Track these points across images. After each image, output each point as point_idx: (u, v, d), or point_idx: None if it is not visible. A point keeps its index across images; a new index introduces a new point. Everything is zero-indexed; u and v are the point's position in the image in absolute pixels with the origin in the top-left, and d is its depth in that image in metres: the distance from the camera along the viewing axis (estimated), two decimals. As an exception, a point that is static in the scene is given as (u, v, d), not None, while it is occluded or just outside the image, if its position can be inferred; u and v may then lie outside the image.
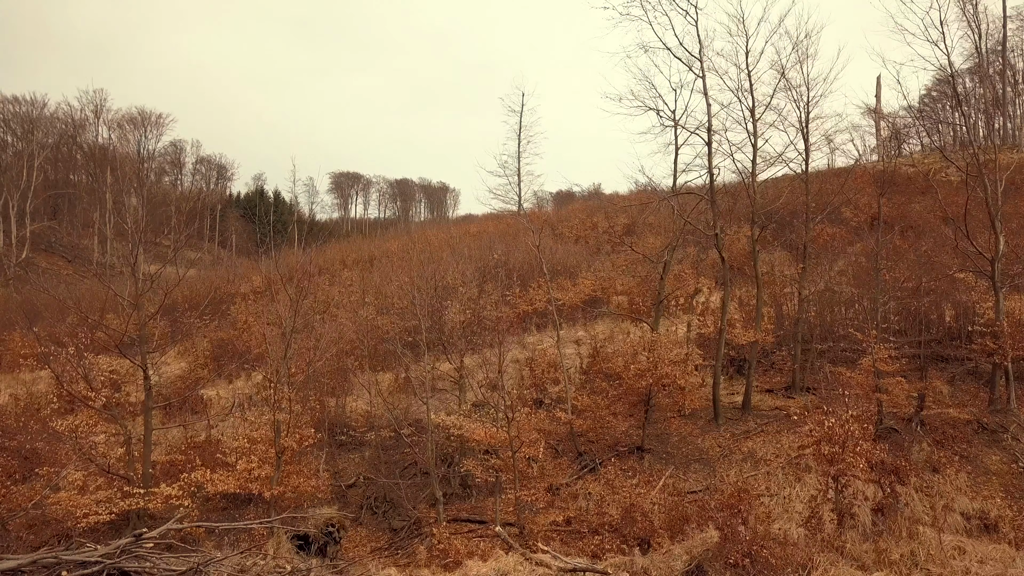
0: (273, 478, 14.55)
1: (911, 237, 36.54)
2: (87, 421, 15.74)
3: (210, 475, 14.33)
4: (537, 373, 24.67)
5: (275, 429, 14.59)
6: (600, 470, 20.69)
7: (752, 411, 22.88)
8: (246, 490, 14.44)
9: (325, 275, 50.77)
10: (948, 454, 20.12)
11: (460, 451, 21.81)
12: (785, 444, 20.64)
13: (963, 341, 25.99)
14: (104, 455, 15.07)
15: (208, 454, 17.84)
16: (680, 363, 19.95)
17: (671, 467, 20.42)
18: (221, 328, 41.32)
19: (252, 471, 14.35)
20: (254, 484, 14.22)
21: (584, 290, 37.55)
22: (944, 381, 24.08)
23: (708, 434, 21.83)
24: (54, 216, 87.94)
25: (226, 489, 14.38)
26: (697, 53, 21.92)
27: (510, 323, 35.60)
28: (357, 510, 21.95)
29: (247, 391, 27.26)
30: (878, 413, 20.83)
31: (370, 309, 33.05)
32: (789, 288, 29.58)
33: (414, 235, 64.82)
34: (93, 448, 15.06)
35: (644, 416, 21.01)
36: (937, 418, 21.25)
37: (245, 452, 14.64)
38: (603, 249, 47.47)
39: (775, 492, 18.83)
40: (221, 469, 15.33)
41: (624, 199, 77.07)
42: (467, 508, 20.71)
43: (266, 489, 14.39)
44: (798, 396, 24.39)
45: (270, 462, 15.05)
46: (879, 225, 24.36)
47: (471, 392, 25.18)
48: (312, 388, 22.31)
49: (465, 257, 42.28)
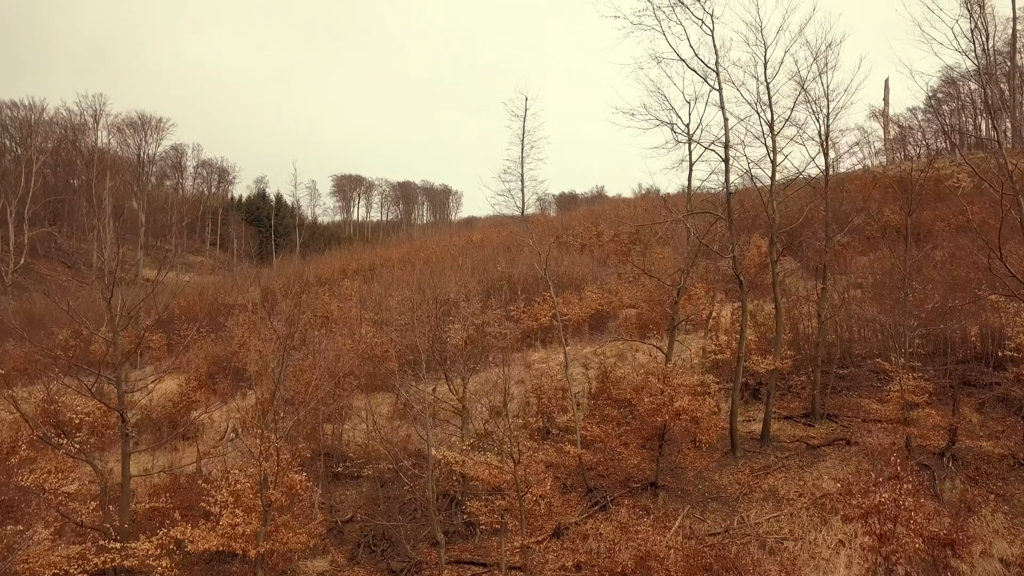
0: (260, 533, 13.40)
1: (925, 246, 35.26)
2: (59, 466, 14.61)
3: (191, 531, 13.19)
4: (544, 401, 23.47)
5: (261, 481, 13.46)
6: (612, 508, 19.52)
7: (771, 442, 21.66)
8: (229, 548, 13.31)
9: (325, 285, 49.70)
10: (983, 492, 18.86)
11: (463, 488, 20.64)
12: (809, 481, 19.40)
13: (990, 364, 24.72)
14: (77, 509, 13.93)
15: (195, 494, 16.70)
16: (697, 397, 18.72)
17: (687, 506, 19.21)
18: (218, 341, 40.23)
19: (236, 526, 13.20)
20: (238, 542, 13.08)
21: (591, 304, 36.32)
22: (973, 408, 22.81)
23: (726, 468, 20.61)
24: (53, 221, 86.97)
25: (208, 547, 13.24)
26: (713, 64, 20.75)
27: (514, 340, 34.46)
28: (354, 548, 20.78)
29: (240, 415, 26.10)
30: (907, 448, 19.62)
31: (369, 327, 31.84)
32: (805, 306, 28.33)
33: (416, 243, 63.60)
34: (64, 504, 13.91)
35: (658, 450, 19.80)
36: (969, 452, 19.99)
37: (229, 505, 13.49)
38: (609, 260, 46.22)
39: (799, 536, 17.61)
40: (204, 521, 14.18)
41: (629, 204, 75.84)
42: (470, 549, 19.55)
43: (251, 547, 13.24)
44: (819, 424, 23.18)
45: (257, 513, 13.90)
46: (907, 243, 22.98)
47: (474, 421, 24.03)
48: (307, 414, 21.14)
49: (468, 269, 41.12)
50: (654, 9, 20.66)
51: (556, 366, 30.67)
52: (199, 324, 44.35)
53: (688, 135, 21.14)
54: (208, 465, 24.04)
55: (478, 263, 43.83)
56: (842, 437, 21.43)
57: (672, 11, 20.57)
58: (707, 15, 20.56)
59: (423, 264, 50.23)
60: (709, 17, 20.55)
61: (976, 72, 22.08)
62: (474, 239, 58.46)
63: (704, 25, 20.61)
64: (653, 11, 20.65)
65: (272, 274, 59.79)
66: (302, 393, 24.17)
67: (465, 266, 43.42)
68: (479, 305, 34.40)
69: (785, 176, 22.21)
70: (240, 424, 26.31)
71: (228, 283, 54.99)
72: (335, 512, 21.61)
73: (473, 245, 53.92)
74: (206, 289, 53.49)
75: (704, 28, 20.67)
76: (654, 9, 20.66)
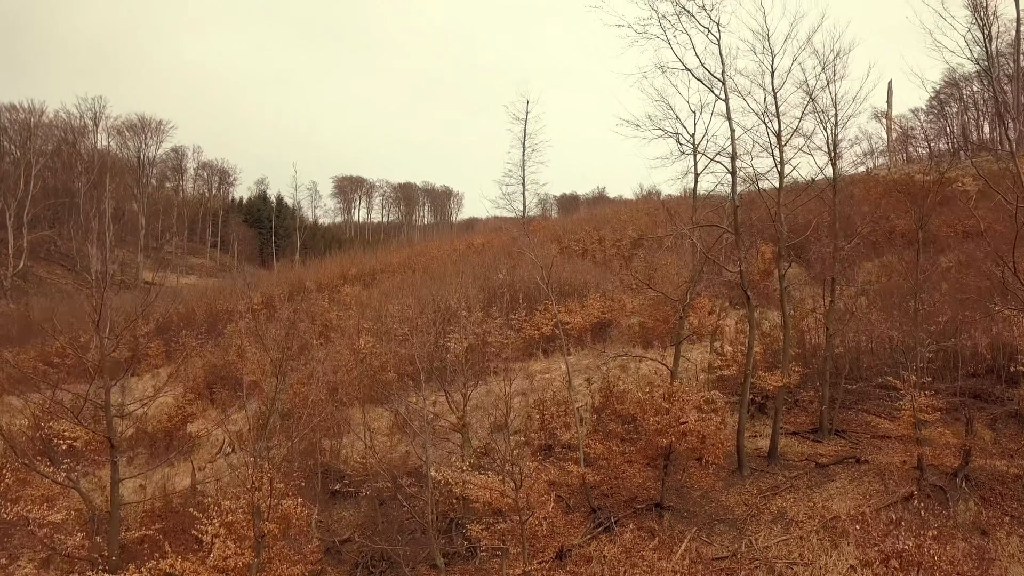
0: (252, 566, 12.95)
1: (931, 252, 34.72)
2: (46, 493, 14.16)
3: (180, 563, 12.74)
4: (546, 417, 22.98)
5: (253, 512, 13.01)
6: (616, 529, 19.03)
7: (779, 460, 21.16)
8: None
9: (325, 292, 49.28)
10: (997, 514, 18.35)
11: (463, 508, 20.16)
12: (818, 503, 18.90)
13: (1002, 378, 24.20)
14: (63, 540, 13.48)
15: (188, 517, 16.23)
16: (704, 419, 18.22)
17: (693, 528, 18.72)
18: (217, 349, 39.80)
19: (228, 558, 12.76)
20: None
21: (593, 312, 35.84)
22: (985, 424, 22.29)
23: (732, 488, 20.10)
24: (53, 224, 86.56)
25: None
26: (719, 74, 20.24)
27: (516, 350, 33.97)
28: (352, 569, 20.31)
29: (235, 428, 25.66)
30: (919, 468, 19.11)
31: (368, 337, 31.37)
32: (812, 318, 27.82)
33: (416, 247, 63.13)
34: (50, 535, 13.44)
35: (664, 470, 19.30)
36: (983, 472, 19.47)
37: (221, 535, 13.04)
38: (611, 266, 45.71)
39: (809, 561, 17.11)
40: (197, 547, 13.73)
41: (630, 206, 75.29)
42: (470, 571, 19.07)
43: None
44: (827, 439, 22.68)
45: (249, 542, 13.45)
46: (918, 259, 22.45)
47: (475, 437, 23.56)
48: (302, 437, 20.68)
49: (469, 276, 40.64)
50: (659, 18, 20.17)
51: (558, 376, 30.20)
52: (197, 331, 44.04)
53: (693, 146, 20.64)
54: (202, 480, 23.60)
55: (479, 270, 43.35)
56: (852, 455, 20.93)
57: (678, 20, 20.08)
58: (713, 24, 20.06)
59: (423, 270, 49.82)
60: (715, 26, 20.05)
61: (987, 82, 21.49)
62: (475, 243, 58.01)
63: (710, 34, 20.12)
64: (658, 20, 20.16)
65: (272, 280, 59.40)
66: (299, 406, 23.76)
67: (466, 272, 42.95)
68: (480, 314, 33.94)
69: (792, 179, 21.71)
70: (236, 438, 25.89)
71: (228, 289, 54.51)
72: (332, 532, 21.16)
73: (474, 250, 53.45)
74: (205, 295, 53.05)
75: (710, 37, 20.18)
76: (659, 18, 20.17)
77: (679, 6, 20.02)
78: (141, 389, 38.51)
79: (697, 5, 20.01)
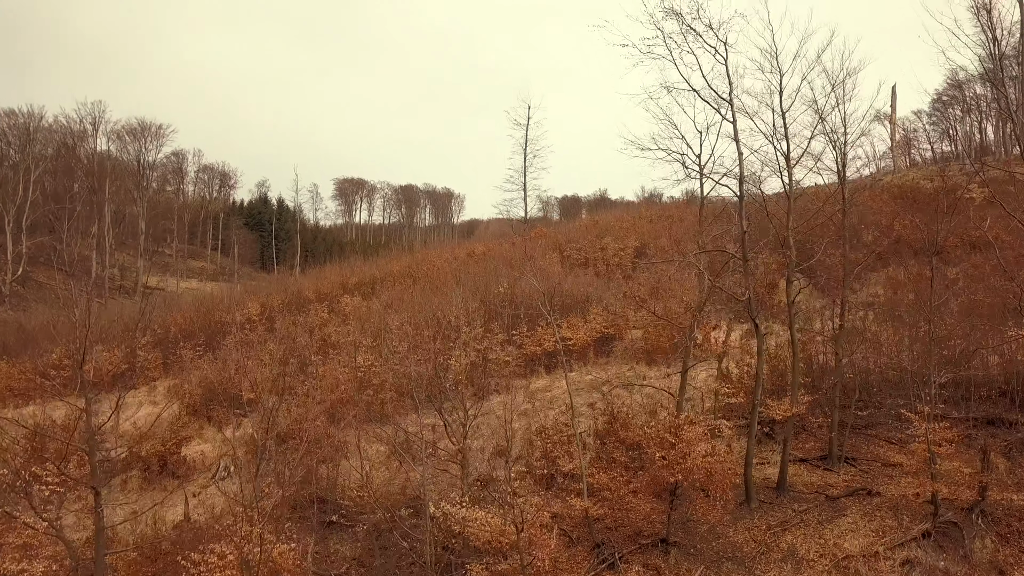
0: (242, 621, 12.43)
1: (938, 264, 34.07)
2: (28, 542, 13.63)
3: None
4: (548, 446, 22.41)
5: (241, 568, 12.47)
6: (620, 566, 18.47)
7: (788, 491, 20.57)
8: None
9: (324, 302, 48.70)
10: (1015, 552, 17.75)
11: (462, 543, 19.60)
12: (829, 540, 18.31)
13: (1016, 402, 23.59)
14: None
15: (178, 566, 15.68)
16: (712, 455, 17.64)
17: (700, 565, 18.15)
18: (215, 362, 39.22)
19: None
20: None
21: (596, 327, 35.25)
22: (1000, 453, 21.68)
23: (740, 522, 19.51)
24: (52, 229, 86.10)
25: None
26: (726, 95, 19.63)
27: (517, 366, 33.39)
28: (349, 603, 19.84)
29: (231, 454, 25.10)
30: (933, 503, 18.51)
31: (367, 355, 30.82)
32: (819, 338, 27.19)
33: (417, 255, 62.58)
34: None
35: (670, 505, 18.72)
36: (999, 507, 18.86)
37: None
38: (614, 277, 45.12)
39: (821, 603, 16.56)
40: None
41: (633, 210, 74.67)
42: (470, 610, 18.52)
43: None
44: (837, 467, 22.09)
45: (241, 594, 12.91)
46: (931, 289, 21.83)
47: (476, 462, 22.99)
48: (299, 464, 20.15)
49: (469, 288, 40.01)
50: (664, 37, 19.60)
51: (560, 395, 29.62)
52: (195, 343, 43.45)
53: (700, 169, 20.05)
54: (196, 509, 23.08)
55: (480, 280, 42.72)
56: (863, 487, 20.34)
57: (684, 39, 19.49)
58: (720, 43, 19.47)
59: (424, 278, 49.21)
60: (723, 45, 19.46)
61: (991, 85, 20.74)
62: (476, 251, 57.43)
63: (717, 54, 19.53)
64: (664, 39, 19.58)
65: (271, 288, 58.85)
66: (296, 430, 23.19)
67: (466, 283, 42.32)
68: (481, 329, 33.35)
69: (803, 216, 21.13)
70: (233, 463, 25.36)
71: (227, 298, 53.92)
72: (328, 565, 20.62)
73: (475, 259, 52.87)
74: (203, 304, 52.45)
75: (717, 57, 19.58)
76: (664, 37, 19.60)
77: (685, 26, 19.47)
78: (137, 403, 38.07)
79: (704, 24, 19.46)
